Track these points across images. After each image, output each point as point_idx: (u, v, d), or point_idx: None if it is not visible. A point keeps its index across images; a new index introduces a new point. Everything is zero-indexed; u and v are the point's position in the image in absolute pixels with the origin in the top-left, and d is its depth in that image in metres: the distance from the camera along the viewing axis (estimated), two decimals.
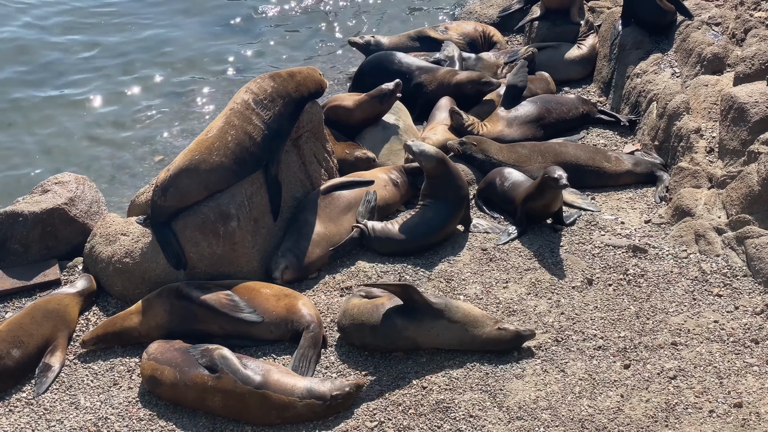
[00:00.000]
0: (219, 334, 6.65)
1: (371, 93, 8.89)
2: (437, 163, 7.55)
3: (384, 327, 6.42)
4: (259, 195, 7.39)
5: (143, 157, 10.09)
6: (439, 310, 6.39)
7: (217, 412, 6.11)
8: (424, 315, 6.39)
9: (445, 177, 7.57)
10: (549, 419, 5.89)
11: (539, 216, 7.70)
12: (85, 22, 13.05)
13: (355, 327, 6.53)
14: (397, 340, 6.45)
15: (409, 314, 6.41)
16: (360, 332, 6.52)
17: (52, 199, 7.68)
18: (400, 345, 6.47)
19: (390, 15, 12.95)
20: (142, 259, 7.18)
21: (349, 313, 6.59)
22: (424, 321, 6.39)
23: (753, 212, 7.15)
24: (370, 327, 6.46)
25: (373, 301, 6.60)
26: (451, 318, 6.39)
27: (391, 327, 6.41)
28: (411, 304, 6.40)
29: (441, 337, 6.42)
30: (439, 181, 7.56)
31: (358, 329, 6.52)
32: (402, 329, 6.41)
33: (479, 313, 6.47)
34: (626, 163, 8.40)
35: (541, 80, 9.82)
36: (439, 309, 6.39)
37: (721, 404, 5.90)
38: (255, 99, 7.39)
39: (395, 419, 5.98)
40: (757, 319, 6.59)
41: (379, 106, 8.88)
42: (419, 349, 6.47)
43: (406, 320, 6.41)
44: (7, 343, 6.57)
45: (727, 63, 8.57)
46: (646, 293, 6.94)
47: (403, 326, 6.41)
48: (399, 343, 6.46)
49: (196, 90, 11.33)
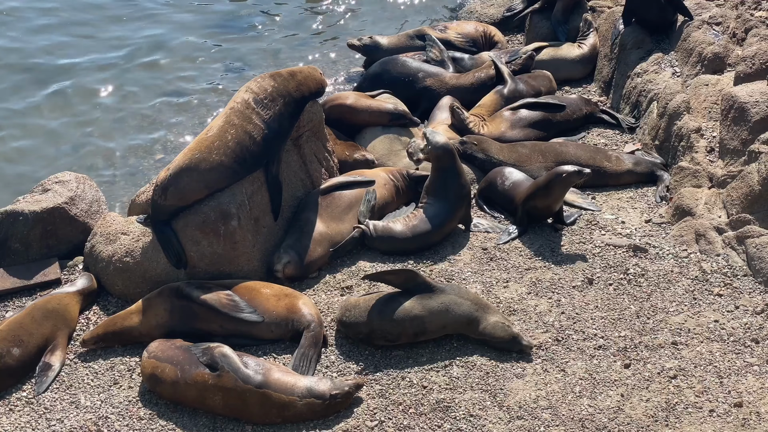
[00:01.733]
0: (220, 333, 6.65)
1: (389, 109, 9.00)
2: (445, 153, 7.59)
3: (391, 309, 6.43)
4: (259, 194, 7.39)
5: (144, 156, 10.09)
6: (445, 288, 6.49)
7: (217, 411, 6.11)
8: (433, 292, 6.44)
9: (451, 171, 7.60)
10: (549, 418, 5.89)
11: (540, 215, 7.70)
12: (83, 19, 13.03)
13: (360, 315, 6.52)
14: (404, 323, 6.43)
15: (417, 294, 6.44)
16: (367, 319, 6.50)
17: (52, 198, 7.68)
18: (408, 329, 6.45)
19: (390, 15, 12.94)
20: (142, 258, 7.18)
21: (352, 305, 6.60)
22: (434, 297, 6.42)
23: (753, 212, 7.15)
24: (378, 311, 6.47)
25: (375, 294, 6.63)
26: (461, 294, 6.47)
27: (400, 308, 6.42)
28: (416, 288, 6.43)
29: (450, 314, 6.42)
30: (445, 174, 7.57)
31: (364, 316, 6.51)
32: (411, 308, 6.41)
33: (488, 302, 6.50)
34: (627, 163, 8.40)
35: (544, 78, 9.82)
36: (444, 288, 6.49)
37: (721, 404, 5.91)
38: (255, 98, 7.38)
39: (395, 418, 5.99)
40: (757, 318, 6.59)
41: (386, 120, 8.98)
42: (426, 333, 6.46)
43: (415, 299, 6.42)
44: (8, 342, 6.56)
45: (727, 62, 8.56)
46: (646, 293, 6.94)
47: (411, 306, 6.41)
48: (407, 325, 6.44)
49: (197, 89, 11.32)
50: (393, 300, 6.49)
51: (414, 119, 9.15)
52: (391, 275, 6.63)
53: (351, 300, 6.70)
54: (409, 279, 6.51)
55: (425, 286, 6.49)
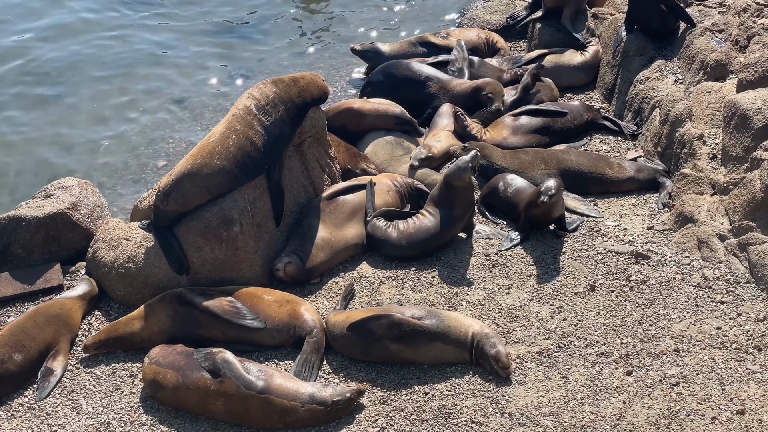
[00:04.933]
0: (221, 339, 6.65)
1: (396, 112, 9.05)
2: (461, 180, 7.47)
3: (377, 349, 6.43)
4: (261, 200, 7.39)
5: (146, 162, 10.10)
6: (433, 333, 6.35)
7: (219, 417, 6.11)
8: (419, 339, 6.37)
9: (465, 193, 7.55)
10: (551, 425, 5.88)
11: (542, 222, 7.70)
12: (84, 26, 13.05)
13: (345, 345, 6.54)
14: (392, 360, 6.45)
15: (402, 339, 6.37)
16: (350, 350, 6.55)
17: (55, 203, 7.69)
18: (396, 362, 6.47)
19: (393, 21, 12.95)
20: (144, 264, 7.19)
21: (335, 328, 6.60)
22: (420, 345, 6.38)
23: (756, 219, 7.15)
24: (361, 348, 6.48)
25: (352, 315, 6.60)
26: (446, 339, 6.36)
27: (384, 350, 6.42)
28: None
29: (439, 358, 6.41)
30: (453, 194, 7.52)
31: (348, 348, 6.54)
32: (398, 353, 6.42)
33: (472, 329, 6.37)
34: (629, 170, 8.40)
35: (546, 87, 9.82)
36: (432, 331, 6.35)
37: (723, 411, 5.90)
38: (257, 104, 7.40)
39: (397, 425, 5.98)
40: (759, 326, 6.58)
41: (392, 124, 9.04)
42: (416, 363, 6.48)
43: (402, 344, 6.40)
44: (9, 347, 6.57)
45: (730, 70, 8.57)
46: (648, 300, 6.94)
47: (398, 350, 6.41)
48: (394, 362, 6.46)
49: (199, 95, 11.34)
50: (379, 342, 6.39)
51: (418, 129, 9.17)
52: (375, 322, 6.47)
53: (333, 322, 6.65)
54: (394, 327, 6.37)
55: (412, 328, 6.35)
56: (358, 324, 6.45)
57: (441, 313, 6.49)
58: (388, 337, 6.37)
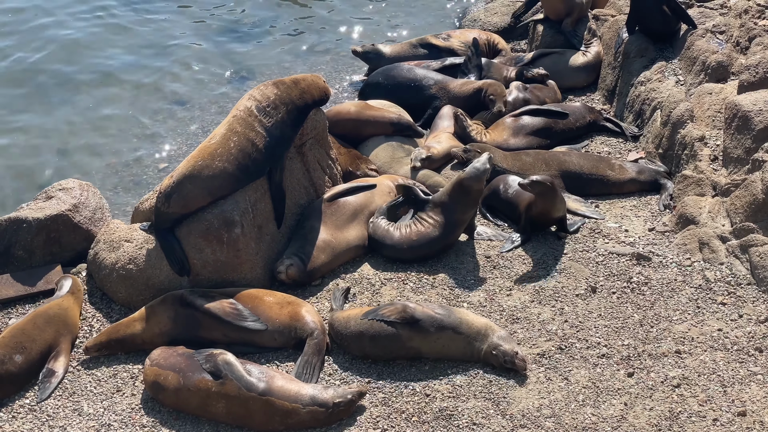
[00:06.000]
0: (222, 341, 6.64)
1: (392, 119, 9.00)
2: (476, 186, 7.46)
3: (386, 338, 6.43)
4: (263, 202, 7.39)
5: (147, 164, 10.10)
6: (443, 322, 6.39)
7: (220, 419, 6.11)
8: (429, 326, 6.39)
9: (478, 196, 7.55)
10: (552, 427, 5.88)
11: (543, 223, 7.69)
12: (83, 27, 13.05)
13: (353, 338, 6.53)
14: (399, 350, 6.45)
15: (413, 325, 6.40)
16: (359, 343, 6.53)
17: (56, 205, 7.69)
18: (402, 355, 6.47)
19: (394, 23, 12.96)
20: (145, 266, 7.19)
21: (342, 325, 6.59)
22: (430, 332, 6.39)
23: (757, 220, 7.14)
24: (370, 337, 6.47)
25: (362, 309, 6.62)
26: (457, 329, 6.40)
27: (394, 338, 6.41)
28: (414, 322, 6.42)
29: (446, 349, 6.42)
30: (470, 198, 7.50)
31: (357, 340, 6.52)
32: (406, 340, 6.41)
33: (482, 325, 6.46)
34: (630, 171, 8.40)
35: (549, 89, 9.83)
36: (443, 321, 6.39)
37: (724, 413, 5.89)
38: (258, 106, 7.40)
39: (398, 427, 5.98)
40: (761, 327, 6.58)
41: (389, 131, 9.01)
42: (422, 357, 6.47)
43: (412, 331, 6.40)
44: (10, 348, 6.57)
45: (731, 71, 8.57)
46: (649, 301, 6.93)
47: (408, 337, 6.41)
48: (401, 353, 6.46)
49: (200, 97, 11.33)
50: (389, 329, 6.42)
51: (419, 130, 9.15)
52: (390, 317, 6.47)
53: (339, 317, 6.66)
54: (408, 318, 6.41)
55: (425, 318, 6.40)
56: (372, 311, 6.52)
57: (453, 308, 6.58)
58: (399, 322, 6.38)
